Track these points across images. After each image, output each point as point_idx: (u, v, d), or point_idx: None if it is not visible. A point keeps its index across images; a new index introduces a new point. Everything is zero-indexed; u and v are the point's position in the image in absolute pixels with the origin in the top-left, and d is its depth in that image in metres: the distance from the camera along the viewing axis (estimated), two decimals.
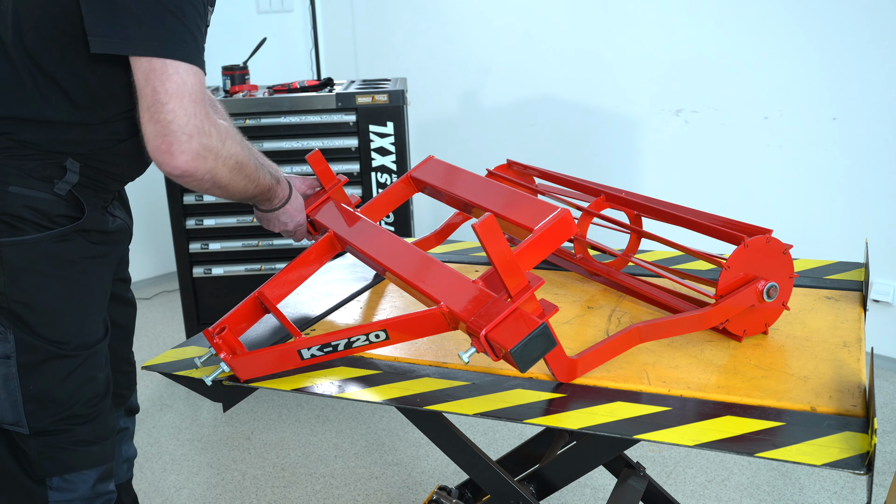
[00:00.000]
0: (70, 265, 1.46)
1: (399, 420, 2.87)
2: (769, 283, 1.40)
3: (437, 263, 1.39)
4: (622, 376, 1.32)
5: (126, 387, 1.81)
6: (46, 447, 1.48)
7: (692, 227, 1.53)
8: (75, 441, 1.50)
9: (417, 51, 4.13)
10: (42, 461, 1.49)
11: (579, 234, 1.69)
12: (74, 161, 1.43)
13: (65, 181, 1.43)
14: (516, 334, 1.15)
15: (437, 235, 1.87)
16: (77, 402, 1.49)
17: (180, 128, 1.26)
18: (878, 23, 2.84)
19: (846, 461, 1.05)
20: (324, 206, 1.68)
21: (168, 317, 3.88)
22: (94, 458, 1.53)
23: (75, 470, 1.51)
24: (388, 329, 1.31)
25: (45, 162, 1.42)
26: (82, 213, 1.45)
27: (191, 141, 1.27)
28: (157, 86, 1.26)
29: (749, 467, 2.52)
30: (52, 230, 1.43)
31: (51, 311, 1.45)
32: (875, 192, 2.98)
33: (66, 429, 1.49)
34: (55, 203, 1.43)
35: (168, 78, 1.26)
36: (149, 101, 1.26)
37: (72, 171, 1.43)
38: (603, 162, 3.66)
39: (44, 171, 1.42)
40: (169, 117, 1.26)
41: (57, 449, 1.49)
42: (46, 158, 1.42)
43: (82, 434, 1.51)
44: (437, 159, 1.67)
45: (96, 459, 1.53)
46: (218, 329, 1.40)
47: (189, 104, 1.26)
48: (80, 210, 1.45)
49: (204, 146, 1.29)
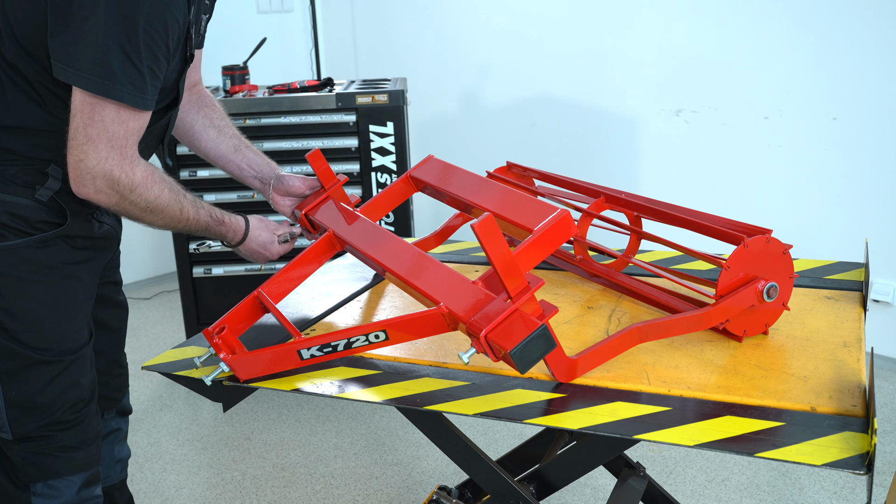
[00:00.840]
0: (52, 271, 1.46)
1: (399, 420, 2.87)
2: (769, 284, 1.39)
3: (436, 264, 1.38)
4: (622, 376, 1.32)
5: (118, 389, 1.81)
6: (29, 453, 1.48)
7: (692, 228, 1.53)
8: (59, 447, 1.50)
9: (417, 51, 4.13)
10: (25, 467, 1.48)
11: (579, 235, 1.69)
12: (57, 167, 1.43)
13: (46, 187, 1.43)
14: (516, 335, 1.15)
15: (437, 236, 1.87)
16: (60, 407, 1.49)
17: (88, 169, 1.33)
18: (878, 23, 2.84)
19: (846, 461, 1.05)
20: (323, 205, 1.67)
21: (168, 317, 3.88)
22: (78, 464, 1.53)
23: (59, 476, 1.51)
24: (387, 329, 1.31)
25: (27, 168, 1.42)
26: (65, 219, 1.45)
27: (95, 181, 1.34)
28: (80, 124, 1.31)
29: (749, 467, 2.52)
30: (34, 236, 1.43)
31: (32, 317, 1.44)
32: (875, 192, 2.98)
33: (50, 435, 1.49)
34: (36, 209, 1.43)
35: (92, 122, 1.31)
36: (72, 131, 1.32)
37: (54, 178, 1.43)
38: (603, 162, 3.66)
39: (25, 177, 1.42)
40: (81, 156, 1.32)
41: (40, 455, 1.49)
42: (28, 164, 1.42)
43: (66, 440, 1.51)
44: (436, 159, 1.66)
45: (80, 465, 1.53)
46: (217, 329, 1.40)
47: (103, 150, 1.32)
48: (63, 216, 1.45)
49: (110, 187, 1.35)
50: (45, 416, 1.48)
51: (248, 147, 1.74)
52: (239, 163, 1.72)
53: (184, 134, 1.75)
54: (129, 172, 1.36)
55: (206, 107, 1.74)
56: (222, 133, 1.73)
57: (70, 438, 1.51)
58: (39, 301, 1.45)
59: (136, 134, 1.35)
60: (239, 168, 1.73)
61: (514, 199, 1.36)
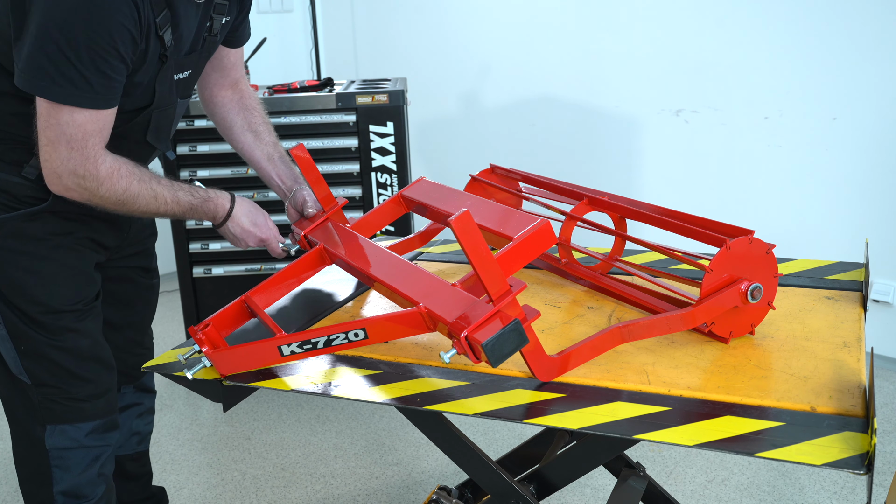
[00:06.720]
0: (39, 242, 1.57)
1: (399, 420, 2.87)
2: (753, 284, 1.39)
3: (419, 270, 1.43)
4: (622, 376, 1.32)
5: (135, 367, 1.93)
6: (45, 399, 1.65)
7: (674, 230, 1.53)
8: (68, 397, 1.66)
9: (417, 51, 4.13)
10: (42, 410, 1.66)
11: (563, 238, 1.70)
12: None
13: (31, 165, 1.53)
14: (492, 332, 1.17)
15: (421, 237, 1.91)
16: (66, 361, 1.64)
17: (52, 168, 1.44)
18: (879, 23, 2.84)
19: (846, 461, 1.05)
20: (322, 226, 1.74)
21: (168, 317, 3.88)
22: (85, 414, 1.68)
23: (67, 422, 1.67)
24: (367, 328, 1.34)
25: (14, 147, 1.53)
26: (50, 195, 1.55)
27: (61, 179, 1.45)
28: (41, 127, 1.42)
29: (749, 467, 2.52)
30: (20, 210, 1.54)
31: (20, 283, 1.57)
32: (875, 193, 2.98)
33: (60, 386, 1.65)
34: (23, 185, 1.54)
35: (49, 125, 1.41)
36: (38, 134, 1.43)
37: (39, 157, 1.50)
38: (603, 162, 3.66)
39: (12, 155, 1.53)
40: (45, 157, 1.44)
41: (52, 402, 1.66)
42: (15, 144, 1.52)
43: (74, 392, 1.66)
44: (427, 180, 1.71)
45: (88, 415, 1.68)
46: (202, 326, 1.43)
47: (64, 150, 1.42)
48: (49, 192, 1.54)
49: (77, 184, 1.46)
50: (54, 367, 1.63)
51: (280, 157, 1.84)
52: (269, 171, 1.83)
53: (223, 131, 1.88)
54: (93, 170, 1.45)
55: (246, 109, 1.85)
56: (259, 139, 1.84)
57: (78, 391, 1.66)
58: (27, 269, 1.57)
59: (96, 134, 1.43)
60: (268, 176, 1.84)
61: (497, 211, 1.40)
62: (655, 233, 1.71)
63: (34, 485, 1.73)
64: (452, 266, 1.91)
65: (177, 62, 1.56)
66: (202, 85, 1.85)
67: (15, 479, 2.43)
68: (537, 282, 1.75)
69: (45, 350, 1.62)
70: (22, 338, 1.61)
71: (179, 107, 1.68)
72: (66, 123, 1.40)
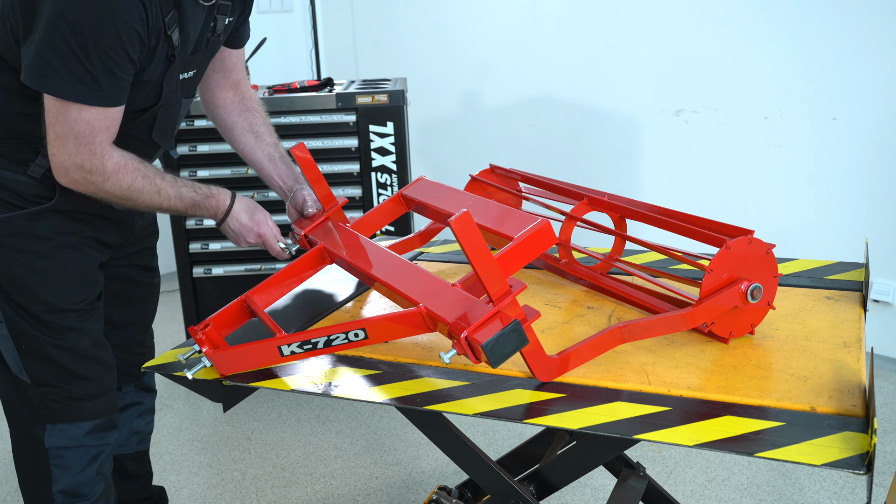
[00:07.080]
0: (44, 241, 1.59)
1: (399, 420, 2.87)
2: (752, 285, 1.39)
3: (419, 270, 1.43)
4: (622, 376, 1.32)
5: (135, 366, 1.94)
6: (44, 398, 1.66)
7: (674, 230, 1.53)
8: (67, 396, 1.67)
9: (417, 51, 4.13)
10: (41, 409, 1.67)
11: (563, 238, 1.70)
12: None
13: (37, 164, 1.55)
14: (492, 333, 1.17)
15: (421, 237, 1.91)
16: (67, 360, 1.64)
17: (60, 163, 1.47)
18: (879, 23, 2.84)
19: (846, 461, 1.05)
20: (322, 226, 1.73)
21: (168, 317, 3.88)
22: (84, 413, 1.69)
23: (66, 421, 1.68)
24: (367, 328, 1.34)
25: (19, 146, 1.54)
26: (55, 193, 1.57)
27: (68, 173, 1.48)
28: (49, 122, 1.44)
29: (749, 467, 2.52)
30: (26, 209, 1.56)
31: (23, 281, 1.58)
32: (875, 192, 2.98)
33: (60, 385, 1.66)
34: (28, 184, 1.56)
35: (58, 121, 1.43)
36: (46, 129, 1.45)
37: (44, 156, 1.52)
38: (603, 162, 3.66)
39: (17, 154, 1.55)
40: (53, 152, 1.46)
41: (52, 401, 1.67)
42: (20, 142, 1.54)
43: (74, 391, 1.67)
44: (427, 179, 1.71)
45: (87, 414, 1.69)
46: (202, 325, 1.43)
47: (72, 146, 1.44)
48: (54, 191, 1.56)
49: (83, 178, 1.49)
50: (54, 367, 1.64)
51: (281, 157, 1.85)
52: (270, 171, 1.84)
53: (224, 132, 1.90)
54: (100, 165, 1.48)
55: (247, 111, 1.87)
56: (260, 140, 1.85)
57: (78, 390, 1.67)
58: (32, 267, 1.58)
59: (103, 131, 1.46)
60: (269, 176, 1.85)
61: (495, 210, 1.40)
62: (655, 233, 1.71)
63: (33, 484, 1.73)
64: (452, 266, 1.91)
65: (183, 62, 1.58)
66: (204, 86, 1.86)
67: (15, 478, 2.43)
68: (537, 282, 1.75)
69: (46, 349, 1.63)
70: (23, 337, 1.62)
71: (184, 106, 1.70)
72: (75, 120, 1.42)
